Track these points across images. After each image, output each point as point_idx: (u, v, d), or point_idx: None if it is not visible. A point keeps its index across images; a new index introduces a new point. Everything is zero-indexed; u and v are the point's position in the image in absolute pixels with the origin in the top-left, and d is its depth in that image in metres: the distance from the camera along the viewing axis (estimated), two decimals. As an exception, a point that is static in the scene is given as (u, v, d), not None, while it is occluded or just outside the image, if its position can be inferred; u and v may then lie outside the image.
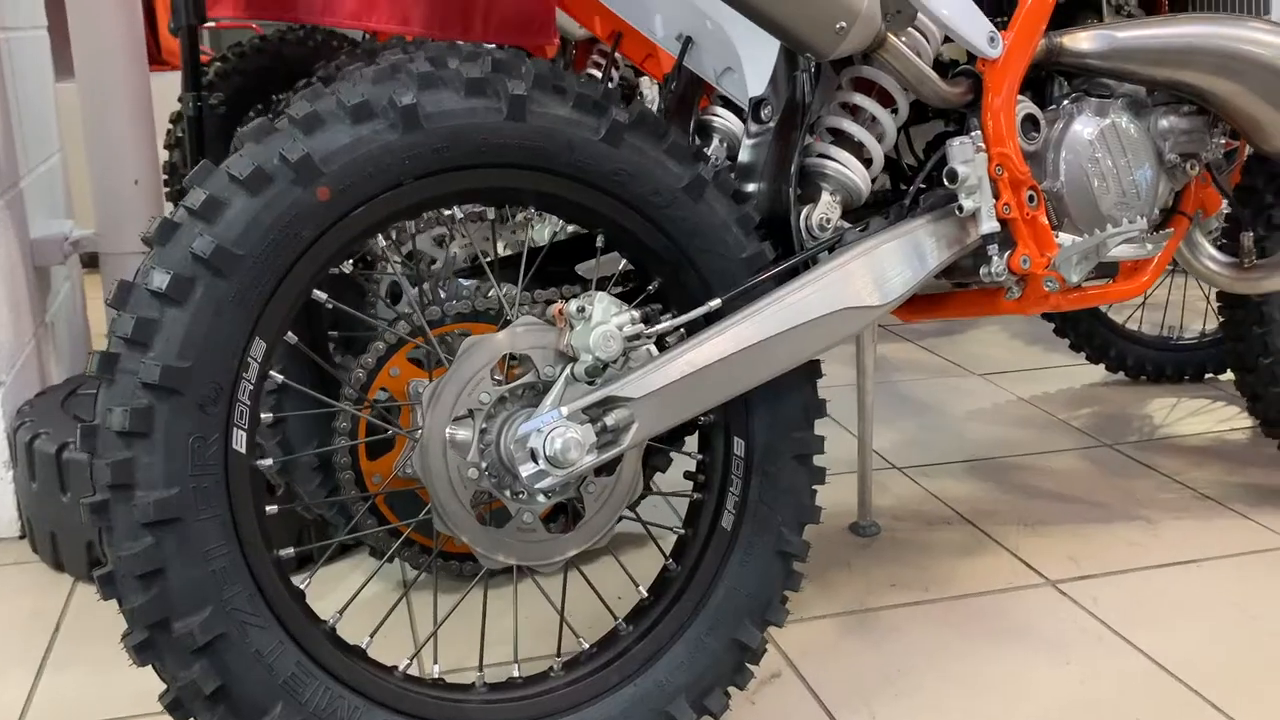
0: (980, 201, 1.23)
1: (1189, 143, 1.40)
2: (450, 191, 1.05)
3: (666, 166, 1.12)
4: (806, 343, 1.14)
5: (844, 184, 1.25)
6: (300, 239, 0.97)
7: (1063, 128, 1.31)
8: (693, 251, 1.15)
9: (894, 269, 1.21)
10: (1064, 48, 1.31)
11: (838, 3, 1.10)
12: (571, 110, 1.08)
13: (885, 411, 2.27)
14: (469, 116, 1.03)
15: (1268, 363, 1.71)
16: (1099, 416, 2.25)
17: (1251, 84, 1.34)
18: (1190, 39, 1.32)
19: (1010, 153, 1.24)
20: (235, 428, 0.95)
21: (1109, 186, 1.32)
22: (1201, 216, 1.57)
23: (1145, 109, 1.39)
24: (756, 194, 1.28)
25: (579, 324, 1.03)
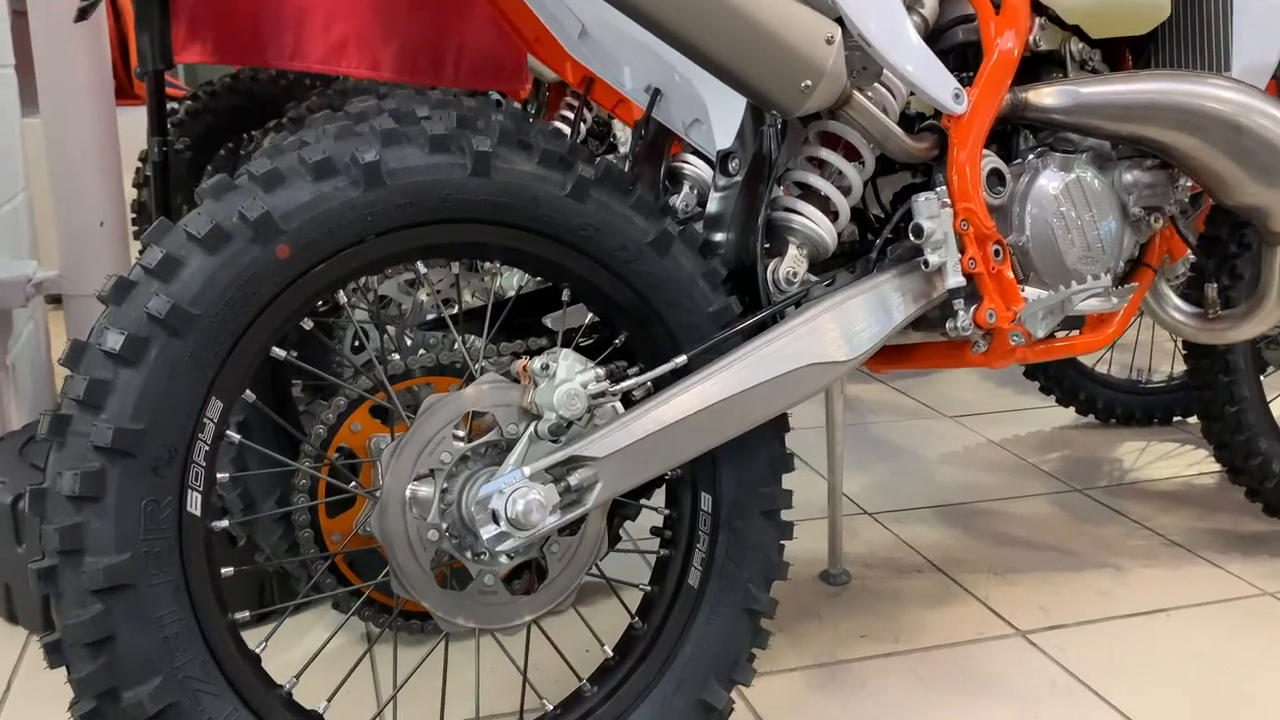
0: (946, 256, 1.24)
1: (1153, 196, 1.41)
2: (413, 247, 1.04)
3: (633, 221, 1.12)
4: (774, 399, 1.14)
5: (810, 238, 1.24)
6: (259, 297, 0.96)
7: (1028, 182, 1.32)
8: (659, 305, 1.14)
9: (860, 324, 1.20)
10: (1029, 103, 1.32)
11: (803, 62, 1.10)
12: (537, 166, 1.07)
13: (857, 454, 2.27)
14: (432, 173, 1.02)
15: (1233, 411, 1.72)
16: (1069, 460, 2.25)
17: (1213, 139, 1.35)
18: (1153, 95, 1.34)
19: (975, 208, 1.25)
20: (190, 490, 0.94)
21: (1074, 240, 1.32)
22: (1168, 263, 1.58)
23: (1109, 163, 1.41)
24: (724, 245, 1.27)
25: (543, 381, 1.02)
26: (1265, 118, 1.36)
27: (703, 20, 1.05)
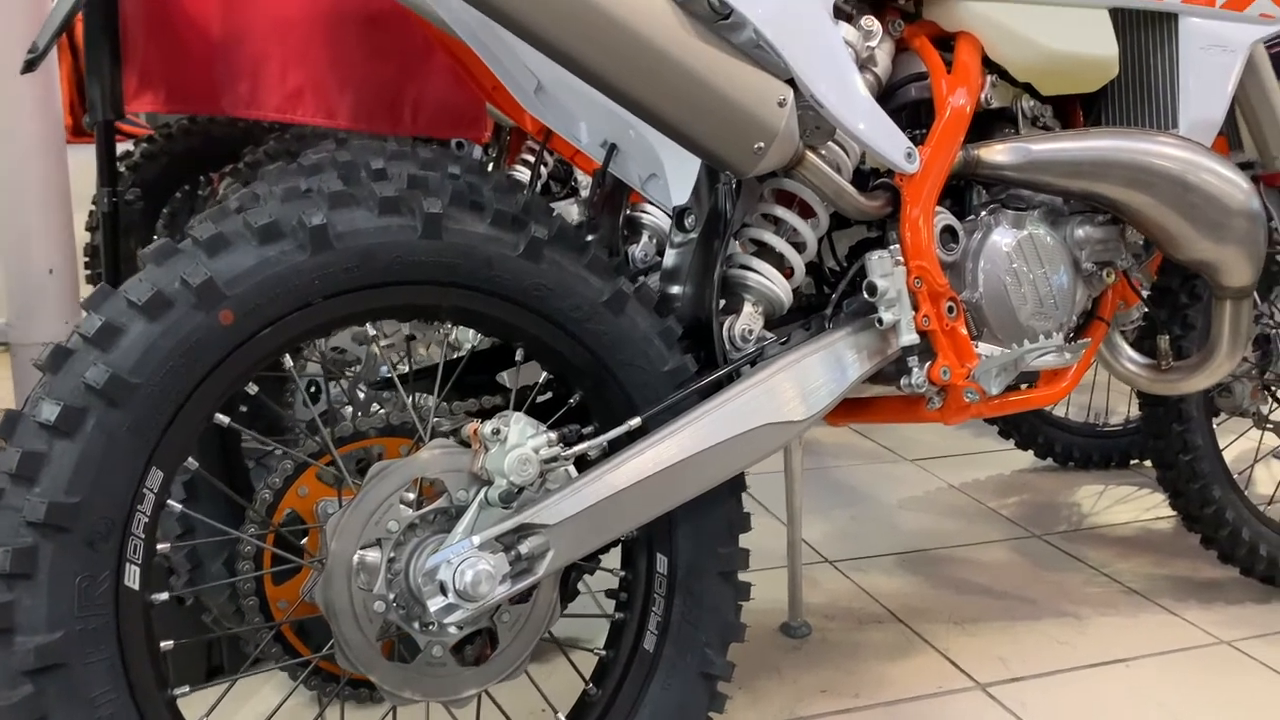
0: (900, 314, 1.24)
1: (1104, 251, 1.43)
2: (362, 310, 1.03)
3: (587, 281, 1.11)
4: (730, 460, 1.13)
5: (766, 296, 1.24)
6: (202, 364, 0.94)
7: (981, 239, 1.33)
8: (614, 365, 1.14)
9: (816, 382, 1.20)
10: (981, 160, 1.33)
11: (755, 124, 1.10)
12: (489, 227, 1.07)
13: (818, 500, 2.27)
14: (382, 235, 1.01)
15: (1188, 459, 1.74)
16: (1028, 505, 2.26)
17: (1161, 196, 1.37)
18: (1103, 152, 1.35)
19: (929, 265, 1.25)
20: (128, 563, 0.91)
21: (1026, 296, 1.33)
22: (1123, 308, 1.59)
23: (1061, 218, 1.42)
24: (680, 300, 1.27)
25: (493, 446, 1.01)
26: (1211, 174, 1.38)
27: (655, 83, 1.05)
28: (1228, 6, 1.42)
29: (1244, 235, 1.42)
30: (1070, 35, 1.35)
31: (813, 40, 1.15)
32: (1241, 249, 1.43)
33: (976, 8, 1.32)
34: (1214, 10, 1.42)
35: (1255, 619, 1.75)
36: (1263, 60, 1.55)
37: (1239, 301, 1.50)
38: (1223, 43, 1.43)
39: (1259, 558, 1.78)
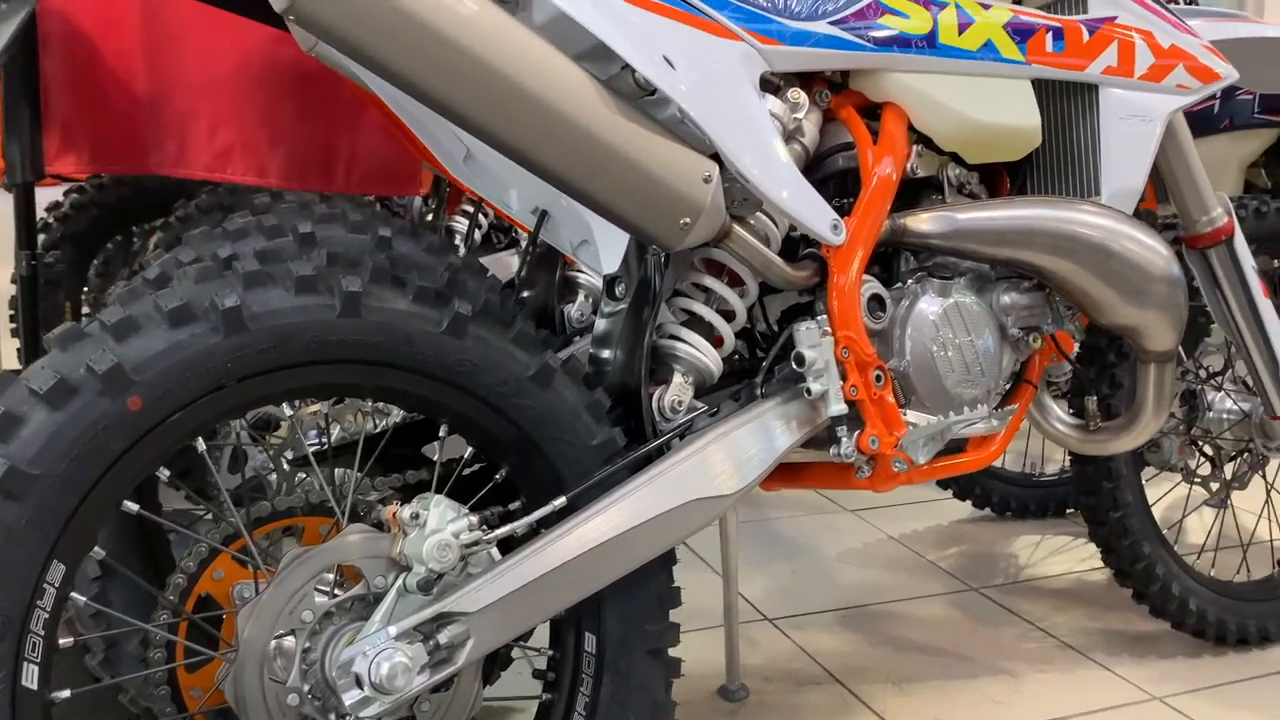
0: (828, 384, 1.24)
1: (1031, 316, 1.44)
2: (279, 391, 1.01)
3: (513, 355, 1.10)
4: (660, 537, 1.12)
5: (695, 366, 1.24)
6: (108, 452, 0.91)
7: (908, 307, 1.34)
8: (541, 440, 1.12)
9: (746, 454, 1.20)
10: (908, 229, 1.34)
11: (681, 200, 1.10)
12: (411, 303, 1.05)
13: (757, 554, 2.26)
14: (299, 315, 0.99)
15: (1118, 516, 1.76)
16: (966, 557, 2.27)
17: (1085, 263, 1.39)
18: (1026, 221, 1.37)
19: (856, 336, 1.26)
20: (26, 662, 0.87)
21: (953, 364, 1.34)
22: (1054, 361, 1.61)
23: (988, 284, 1.44)
24: (611, 368, 1.26)
25: (412, 531, 0.99)
26: (1133, 242, 1.41)
27: (579, 161, 1.05)
28: (1145, 78, 1.46)
29: (1165, 300, 1.45)
30: (994, 106, 1.38)
31: (737, 115, 1.16)
32: (1163, 314, 1.46)
33: (902, 79, 1.34)
34: (1132, 81, 1.45)
35: (1186, 674, 1.77)
36: (1182, 128, 1.59)
37: (1163, 365, 1.53)
38: (1142, 113, 1.46)
39: (1189, 612, 1.81)
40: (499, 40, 0.98)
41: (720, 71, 1.17)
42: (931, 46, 1.34)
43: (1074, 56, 1.42)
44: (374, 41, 0.93)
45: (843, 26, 1.29)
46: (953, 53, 1.35)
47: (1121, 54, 1.44)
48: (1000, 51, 1.38)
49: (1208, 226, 1.65)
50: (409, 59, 0.95)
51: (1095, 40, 1.44)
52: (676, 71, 1.11)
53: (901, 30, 1.32)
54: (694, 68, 1.13)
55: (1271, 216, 1.84)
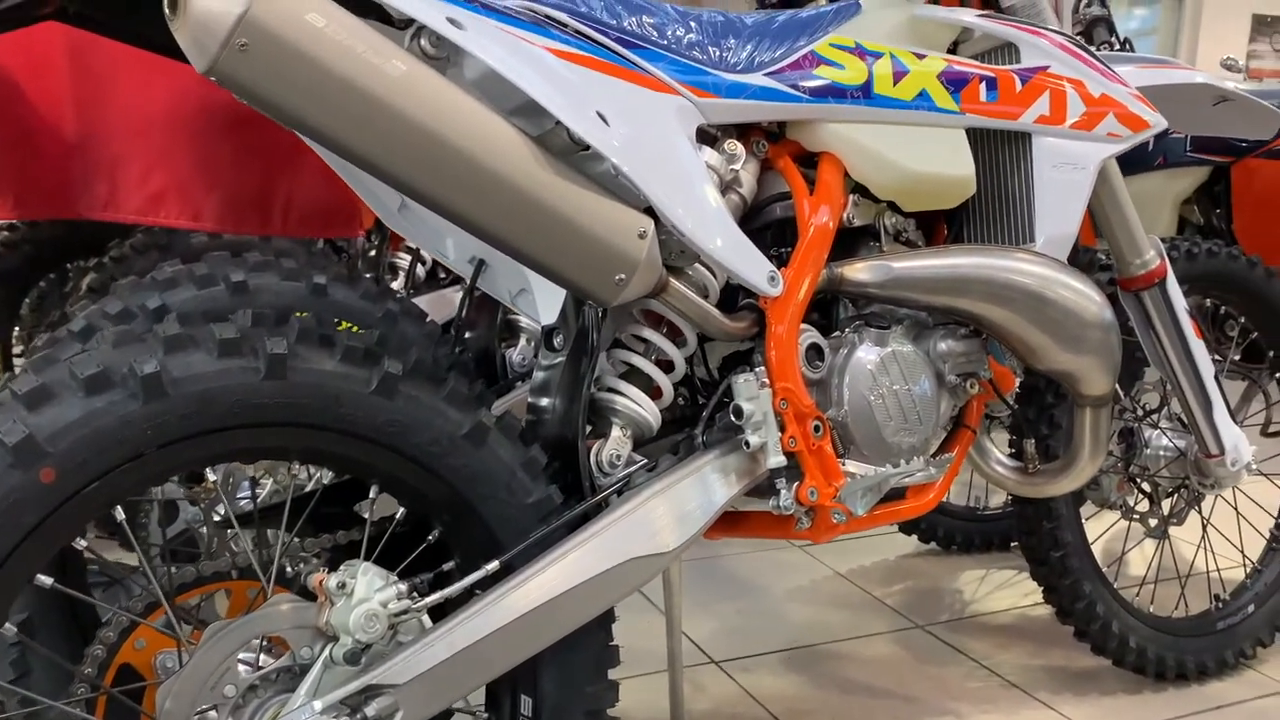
0: (766, 436, 1.24)
1: (968, 363, 1.45)
2: (203, 456, 0.98)
3: (445, 414, 1.08)
4: (598, 598, 1.10)
5: (633, 419, 1.23)
6: (19, 526, 0.88)
7: (846, 356, 1.34)
8: (475, 499, 1.10)
9: (684, 510, 1.19)
10: (844, 278, 1.35)
11: (616, 256, 1.10)
12: (339, 364, 1.03)
13: (705, 593, 2.25)
14: (221, 379, 0.97)
15: (1059, 556, 1.77)
16: (912, 593, 2.28)
17: (1020, 311, 1.40)
18: (962, 270, 1.38)
19: (794, 387, 1.26)
20: (-72, 748, 0.84)
21: (891, 413, 1.35)
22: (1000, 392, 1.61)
23: (925, 331, 1.45)
24: (549, 419, 1.25)
25: (339, 601, 0.96)
26: (1067, 289, 1.42)
27: (511, 219, 1.04)
28: (1077, 126, 1.48)
29: (1099, 346, 1.46)
30: (928, 156, 1.39)
31: (672, 169, 1.16)
32: (1098, 359, 1.47)
33: (838, 129, 1.34)
34: (1064, 130, 1.47)
35: (1127, 710, 1.78)
36: (1114, 174, 1.62)
37: (1098, 409, 1.54)
38: (1074, 161, 1.48)
39: (1129, 649, 1.82)
40: (428, 100, 0.97)
41: (655, 126, 1.16)
42: (867, 97, 1.35)
43: (1007, 106, 1.44)
44: (300, 104, 0.92)
45: (779, 78, 1.30)
46: (888, 103, 1.36)
47: (1053, 103, 1.46)
48: (935, 101, 1.40)
49: (1141, 269, 1.68)
50: (336, 121, 0.93)
51: (1028, 90, 1.46)
52: (610, 127, 1.10)
53: (837, 81, 1.33)
54: (628, 123, 1.13)
55: (1202, 257, 1.87)
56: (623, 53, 1.18)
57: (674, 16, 1.27)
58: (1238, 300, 1.94)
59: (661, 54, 1.22)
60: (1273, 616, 1.97)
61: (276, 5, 0.89)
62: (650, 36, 1.22)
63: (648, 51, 1.21)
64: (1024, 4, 1.58)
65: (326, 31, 0.91)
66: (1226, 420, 1.77)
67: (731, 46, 1.30)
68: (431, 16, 1.01)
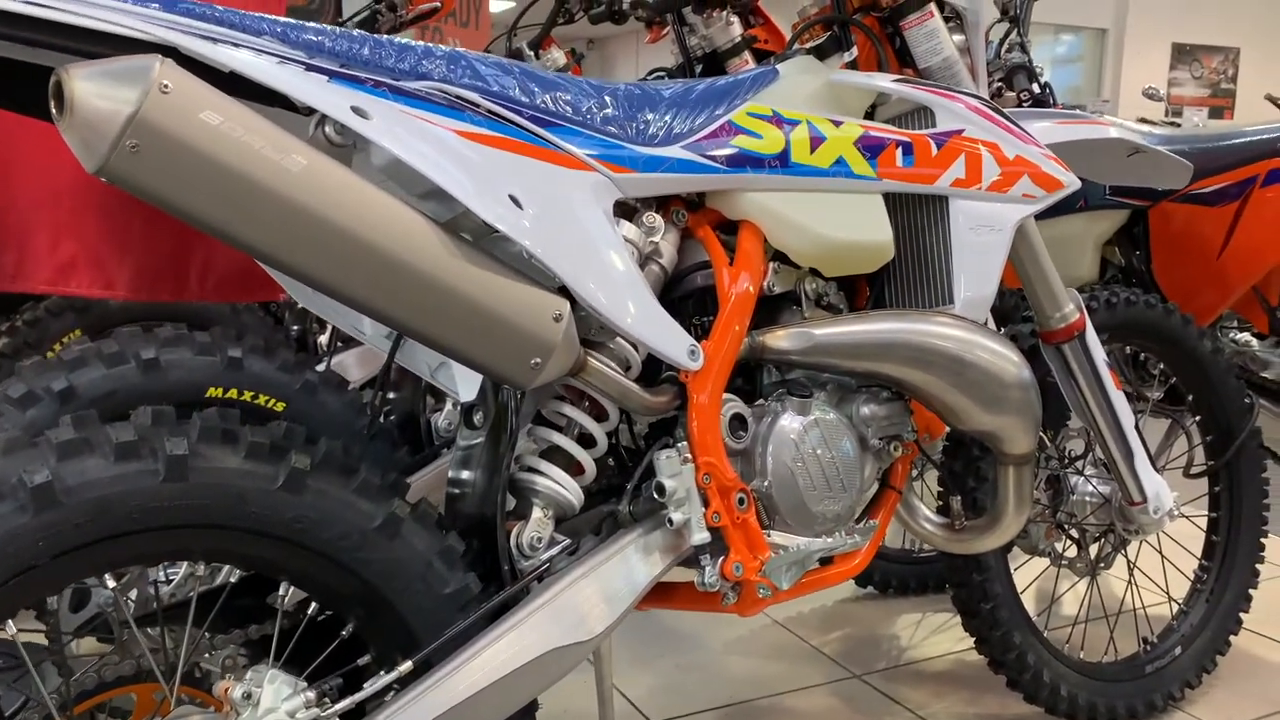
0: (689, 513, 1.23)
1: (891, 426, 1.46)
2: (101, 562, 0.95)
3: (356, 507, 1.06)
4: (519, 692, 1.08)
5: (555, 500, 1.21)
6: (-103, 650, 0.84)
7: (769, 425, 1.34)
8: (390, 592, 1.08)
9: (608, 593, 1.18)
10: (766, 346, 1.35)
11: (530, 340, 1.08)
12: (244, 460, 1.00)
13: (643, 649, 2.23)
14: (118, 484, 0.93)
15: (989, 608, 1.78)
16: (849, 640, 2.28)
17: (940, 374, 1.41)
18: (882, 335, 1.39)
19: (717, 461, 1.25)
20: None
21: (815, 482, 1.34)
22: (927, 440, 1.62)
23: (849, 395, 1.45)
24: (468, 502, 1.23)
25: (245, 711, 0.93)
26: (986, 351, 1.44)
27: (419, 308, 1.01)
28: (993, 189, 1.50)
29: (1020, 405, 1.48)
30: (846, 223, 1.39)
31: (587, 247, 1.15)
32: (1019, 419, 1.49)
33: (756, 198, 1.34)
34: (980, 193, 1.49)
35: (1060, 760, 1.80)
36: (1032, 232, 1.64)
37: (1021, 467, 1.56)
38: (990, 223, 1.50)
39: (1060, 697, 1.84)
40: (330, 193, 0.95)
41: (571, 204, 1.15)
42: (784, 165, 1.36)
43: (923, 170, 1.46)
44: (196, 203, 0.89)
45: (696, 150, 1.30)
46: (805, 171, 1.37)
47: (969, 166, 1.48)
48: (852, 168, 1.41)
49: (1061, 323, 1.71)
50: (235, 219, 0.91)
51: (943, 154, 1.47)
52: (523, 209, 1.09)
53: (754, 150, 1.34)
54: (542, 203, 1.12)
55: (1121, 306, 1.91)
56: (537, 131, 1.17)
57: (589, 91, 1.27)
58: (1157, 347, 1.98)
59: (577, 130, 1.21)
60: (1199, 658, 2.00)
61: (169, 104, 0.86)
62: (565, 113, 1.21)
63: (563, 129, 1.20)
64: (939, 66, 1.61)
65: (222, 129, 0.89)
66: (1147, 468, 1.80)
67: (649, 119, 1.30)
68: (335, 106, 0.99)
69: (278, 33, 1.04)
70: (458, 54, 1.16)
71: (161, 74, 0.87)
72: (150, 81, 0.86)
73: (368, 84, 1.06)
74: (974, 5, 1.64)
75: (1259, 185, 2.19)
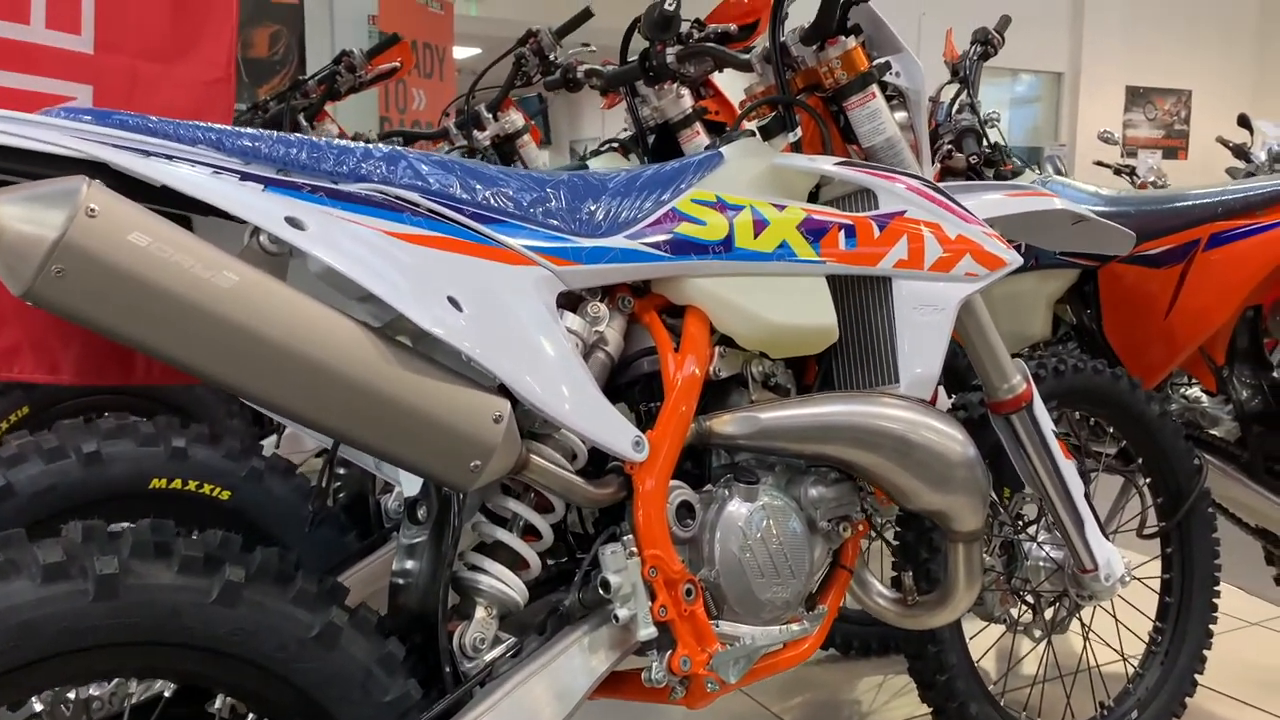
0: (636, 608, 1.22)
1: (840, 507, 1.46)
2: (26, 687, 0.93)
3: (293, 617, 1.04)
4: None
5: (499, 599, 1.20)
6: None
7: (716, 512, 1.34)
8: (328, 702, 1.06)
9: (553, 693, 1.17)
10: (713, 432, 1.35)
11: (469, 443, 1.08)
12: (177, 575, 0.99)
13: (602, 717, 2.20)
14: (45, 607, 0.92)
15: (944, 680, 1.78)
16: (811, 706, 2.27)
17: (887, 455, 1.42)
18: (828, 418, 1.40)
19: (663, 554, 1.25)
20: None
21: (763, 569, 1.34)
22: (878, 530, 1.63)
23: (797, 478, 1.45)
24: (410, 601, 1.22)
25: (176, 840, 0.91)
26: (932, 431, 1.45)
27: (355, 417, 1.01)
28: (935, 269, 1.51)
29: (966, 484, 1.49)
30: (790, 307, 1.40)
31: (528, 345, 1.15)
32: (966, 498, 1.50)
33: (701, 284, 1.35)
34: (923, 273, 1.50)
35: (1020, 831, 1.79)
36: (978, 306, 1.66)
37: (971, 544, 1.57)
38: (933, 303, 1.51)
39: (1019, 767, 1.84)
40: (262, 308, 0.95)
41: (512, 301, 1.16)
42: (728, 251, 1.37)
43: (866, 251, 1.47)
44: (125, 325, 0.89)
45: (640, 238, 1.31)
46: (749, 256, 1.38)
47: (911, 247, 1.50)
48: (795, 252, 1.42)
49: (1009, 394, 1.72)
50: (166, 339, 0.91)
51: (886, 235, 1.49)
52: (462, 310, 1.09)
53: (698, 237, 1.35)
54: (482, 302, 1.12)
55: (1069, 373, 1.93)
56: (478, 228, 1.18)
57: (532, 184, 1.27)
58: (1105, 412, 2.00)
59: (519, 225, 1.22)
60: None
61: (95, 228, 0.86)
62: (507, 208, 1.22)
63: (505, 224, 1.21)
64: (882, 145, 1.63)
65: (150, 250, 0.89)
66: (1098, 536, 1.81)
67: (593, 209, 1.30)
68: (269, 218, 0.99)
69: (213, 140, 1.04)
70: (397, 154, 1.17)
71: (89, 197, 0.87)
72: (76, 206, 0.86)
73: (304, 189, 1.06)
74: (915, 85, 1.67)
75: (1202, 249, 2.24)
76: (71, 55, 1.59)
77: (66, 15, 1.59)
